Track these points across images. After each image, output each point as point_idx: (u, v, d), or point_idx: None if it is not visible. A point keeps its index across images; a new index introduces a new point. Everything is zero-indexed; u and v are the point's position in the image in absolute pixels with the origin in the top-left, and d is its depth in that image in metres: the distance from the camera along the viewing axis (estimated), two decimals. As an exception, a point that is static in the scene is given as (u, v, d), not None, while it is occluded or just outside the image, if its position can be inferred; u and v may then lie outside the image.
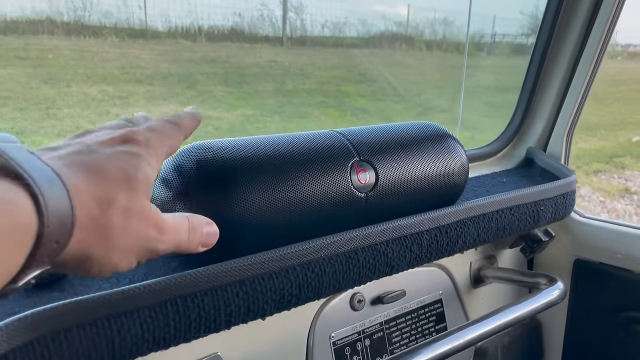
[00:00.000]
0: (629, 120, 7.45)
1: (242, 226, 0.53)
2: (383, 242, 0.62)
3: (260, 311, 0.53)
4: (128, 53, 4.69)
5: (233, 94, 4.93)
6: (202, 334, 0.49)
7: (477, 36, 6.34)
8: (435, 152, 0.68)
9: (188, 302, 0.47)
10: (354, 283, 0.60)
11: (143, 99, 4.33)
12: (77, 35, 4.15)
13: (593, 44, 0.94)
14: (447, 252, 0.69)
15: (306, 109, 5.16)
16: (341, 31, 6.48)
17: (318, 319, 0.74)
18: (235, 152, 0.54)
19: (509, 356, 0.99)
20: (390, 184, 0.63)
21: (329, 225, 0.60)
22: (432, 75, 6.69)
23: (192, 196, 0.51)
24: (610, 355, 0.98)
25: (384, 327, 0.81)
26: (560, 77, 1.00)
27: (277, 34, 5.71)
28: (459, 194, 0.73)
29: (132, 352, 0.45)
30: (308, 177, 0.57)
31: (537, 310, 0.77)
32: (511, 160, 1.05)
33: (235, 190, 0.52)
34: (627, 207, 4.86)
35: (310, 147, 0.59)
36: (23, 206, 0.28)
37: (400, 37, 6.91)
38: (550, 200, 0.83)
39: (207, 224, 0.42)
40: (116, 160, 0.35)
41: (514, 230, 0.77)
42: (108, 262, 0.33)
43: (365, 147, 0.63)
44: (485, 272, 0.94)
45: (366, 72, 6.22)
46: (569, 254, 1.01)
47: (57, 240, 0.29)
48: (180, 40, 4.98)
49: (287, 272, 0.54)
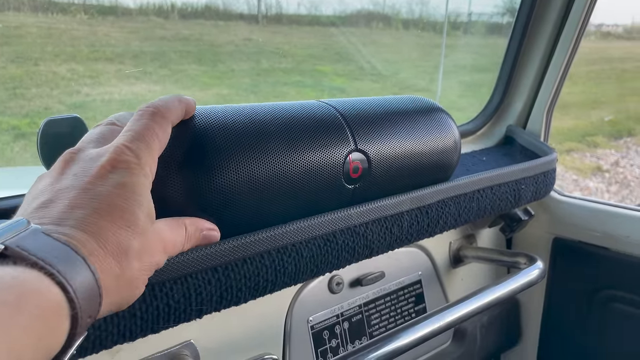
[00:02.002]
0: (601, 99, 7.57)
1: (214, 207, 0.46)
2: (362, 224, 0.59)
3: (234, 299, 0.50)
4: (98, 30, 4.54)
5: (207, 72, 4.84)
6: (171, 325, 0.46)
7: (453, 15, 6.32)
8: (427, 129, 0.64)
9: (156, 290, 0.44)
10: (332, 267, 0.58)
11: (114, 78, 4.22)
12: (45, 11, 4.01)
13: (573, 21, 0.92)
14: (427, 232, 0.67)
15: (282, 88, 5.09)
16: (317, 9, 6.40)
17: (295, 302, 0.71)
18: (204, 122, 0.47)
19: (488, 336, 0.99)
20: (381, 175, 0.59)
21: (312, 209, 0.55)
22: (409, 54, 6.67)
23: (173, 171, 0.44)
24: (588, 333, 0.99)
25: (363, 310, 0.79)
26: (540, 55, 0.98)
27: (253, 11, 5.60)
28: (450, 174, 0.70)
29: (95, 345, 0.42)
30: (292, 154, 0.51)
31: (517, 291, 0.76)
32: (491, 138, 1.03)
33: (205, 166, 0.45)
34: (599, 185, 4.96)
35: (297, 121, 0.53)
36: (52, 294, 0.29)
37: (377, 15, 6.86)
38: (531, 179, 0.81)
39: (207, 230, 0.44)
40: (116, 199, 0.35)
41: (495, 209, 0.76)
42: (134, 296, 0.36)
43: (363, 135, 0.57)
44: (465, 251, 0.93)
45: (343, 51, 6.16)
46: (547, 233, 1.00)
47: (90, 315, 0.31)
48: (152, 17, 4.85)
49: (262, 257, 0.51)
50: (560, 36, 0.95)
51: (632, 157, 5.79)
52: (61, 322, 0.29)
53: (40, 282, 0.29)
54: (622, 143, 6.24)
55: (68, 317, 0.30)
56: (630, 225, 0.90)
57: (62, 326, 0.29)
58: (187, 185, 0.45)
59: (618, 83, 8.29)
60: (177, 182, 0.45)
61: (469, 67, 5.60)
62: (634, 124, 6.76)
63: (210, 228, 0.44)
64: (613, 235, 0.92)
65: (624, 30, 11.48)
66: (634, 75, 8.79)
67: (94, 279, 0.31)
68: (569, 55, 0.94)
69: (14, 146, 3.36)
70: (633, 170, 5.37)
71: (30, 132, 3.50)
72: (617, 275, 0.93)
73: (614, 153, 5.85)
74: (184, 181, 0.45)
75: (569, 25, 0.93)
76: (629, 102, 7.61)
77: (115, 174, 0.36)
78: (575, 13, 0.92)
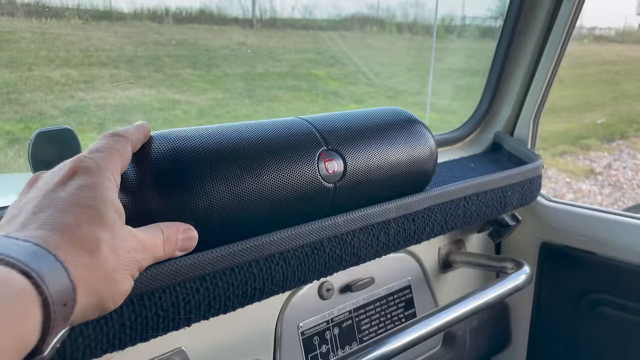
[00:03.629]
0: (594, 102, 7.62)
1: (207, 220, 0.49)
2: (349, 232, 0.60)
3: (222, 307, 0.51)
4: (92, 35, 4.54)
5: (202, 77, 4.84)
6: (160, 333, 0.47)
7: (447, 19, 6.36)
8: (404, 139, 0.67)
9: (145, 300, 0.45)
10: (320, 274, 0.59)
11: (108, 83, 4.22)
12: (39, 16, 4.00)
13: (559, 29, 0.94)
14: (414, 239, 0.68)
15: (277, 92, 5.10)
16: (312, 13, 6.43)
17: (286, 308, 0.72)
18: (196, 143, 0.51)
19: (477, 339, 1.00)
20: (359, 172, 0.61)
21: (297, 216, 0.57)
22: (403, 58, 6.70)
23: (153, 191, 0.48)
24: (576, 337, 1.00)
25: (353, 315, 0.80)
26: (527, 62, 0.99)
27: (247, 15, 5.61)
28: (428, 181, 0.72)
29: (85, 354, 0.43)
30: (275, 167, 0.54)
31: (504, 295, 0.77)
32: (479, 144, 1.05)
33: (197, 183, 0.49)
34: (592, 187, 4.99)
35: (276, 136, 0.57)
36: (16, 281, 0.30)
37: (372, 19, 6.89)
38: (517, 186, 0.83)
39: (183, 231, 0.44)
40: (78, 199, 0.36)
41: (482, 216, 0.77)
42: (118, 292, 0.37)
43: (333, 136, 0.61)
44: (454, 256, 0.94)
45: (337, 55, 6.18)
46: (535, 238, 1.02)
47: (64, 302, 0.32)
48: (147, 22, 4.86)
49: (250, 265, 0.52)
50: (547, 43, 0.96)
51: (625, 159, 5.83)
52: (30, 308, 0.30)
53: (6, 273, 0.29)
54: (615, 145, 6.28)
55: (38, 305, 0.30)
56: (616, 230, 0.92)
57: (32, 313, 0.30)
58: (182, 203, 0.48)
59: (611, 86, 8.36)
60: (160, 203, 0.48)
61: (462, 70, 5.63)
62: (627, 127, 6.81)
63: (186, 227, 0.45)
64: (599, 240, 0.93)
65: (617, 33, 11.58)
66: (626, 78, 8.86)
67: (62, 268, 0.32)
68: (555, 61, 0.96)
69: (8, 152, 3.36)
70: (625, 172, 5.41)
71: (24, 137, 3.50)
72: (603, 279, 0.94)
73: (607, 156, 5.90)
74: (167, 201, 0.48)
75: (555, 33, 0.95)
76: (621, 104, 7.67)
77: (76, 179, 0.37)
78: (560, 22, 0.93)
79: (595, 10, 9.06)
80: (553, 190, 4.65)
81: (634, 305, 0.91)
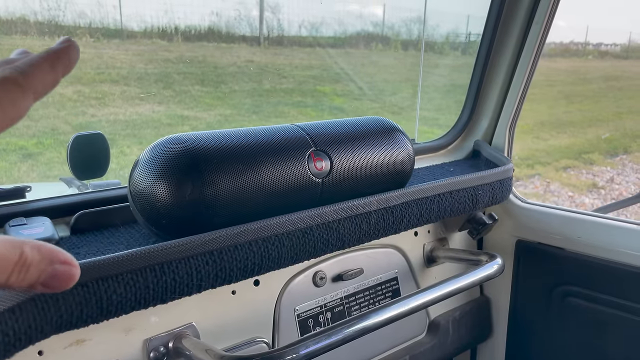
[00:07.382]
0: (598, 117, 7.69)
1: (214, 206, 0.62)
2: (335, 220, 0.71)
3: (227, 278, 0.62)
4: (103, 53, 4.70)
5: (210, 93, 4.98)
6: (177, 296, 0.58)
7: (451, 35, 6.49)
8: (384, 143, 0.78)
9: (165, 268, 0.56)
10: (309, 255, 0.70)
11: (119, 99, 4.36)
12: (51, 35, 4.16)
13: (529, 48, 1.05)
14: (393, 230, 0.79)
15: (284, 108, 5.23)
16: (318, 31, 6.56)
17: (284, 294, 0.83)
18: (206, 143, 0.64)
19: (460, 329, 1.09)
20: (344, 171, 0.73)
21: (290, 206, 0.69)
22: (407, 75, 6.81)
23: (171, 180, 0.60)
24: (549, 326, 1.09)
25: (344, 302, 0.90)
26: (502, 76, 1.10)
27: (254, 33, 5.76)
28: (406, 180, 0.83)
29: (117, 309, 0.54)
30: (271, 164, 0.66)
31: (478, 282, 0.87)
32: (460, 152, 1.15)
33: (207, 176, 0.61)
34: (594, 201, 5.04)
35: (273, 138, 0.69)
36: None
37: (377, 37, 7.02)
38: (488, 186, 0.93)
39: (60, 263, 0.30)
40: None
41: (454, 211, 0.88)
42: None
43: (321, 139, 0.72)
44: (437, 252, 1.04)
45: (343, 71, 6.31)
46: (511, 236, 1.12)
47: None
48: (157, 40, 5.01)
49: (250, 244, 0.63)
50: (519, 62, 1.07)
51: (628, 173, 5.88)
52: None
53: None
54: (618, 160, 6.33)
55: None
56: (581, 228, 1.02)
57: None
58: (194, 191, 0.61)
59: (615, 101, 8.42)
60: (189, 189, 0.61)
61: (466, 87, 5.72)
62: (630, 142, 6.86)
63: (64, 261, 0.30)
64: (567, 236, 1.03)
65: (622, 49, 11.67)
66: (630, 94, 8.91)
67: None
68: (526, 79, 1.07)
69: (21, 166, 3.48)
70: (628, 186, 5.46)
71: (37, 152, 3.63)
72: (571, 272, 1.04)
73: (610, 170, 5.94)
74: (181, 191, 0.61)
75: (526, 52, 1.06)
76: (625, 119, 7.72)
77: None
78: (530, 42, 1.04)
79: (599, 30, 9.14)
80: (556, 204, 4.69)
81: (598, 295, 1.01)
